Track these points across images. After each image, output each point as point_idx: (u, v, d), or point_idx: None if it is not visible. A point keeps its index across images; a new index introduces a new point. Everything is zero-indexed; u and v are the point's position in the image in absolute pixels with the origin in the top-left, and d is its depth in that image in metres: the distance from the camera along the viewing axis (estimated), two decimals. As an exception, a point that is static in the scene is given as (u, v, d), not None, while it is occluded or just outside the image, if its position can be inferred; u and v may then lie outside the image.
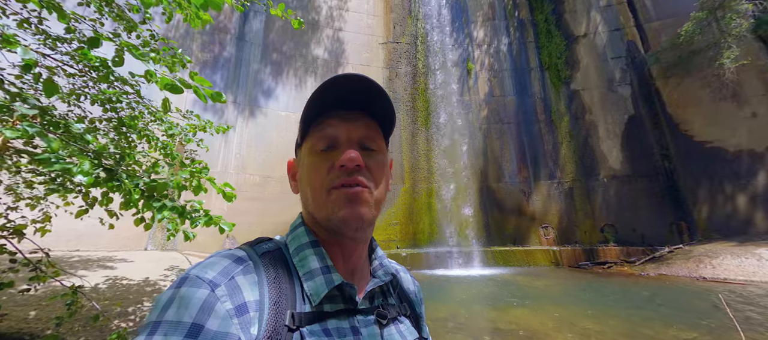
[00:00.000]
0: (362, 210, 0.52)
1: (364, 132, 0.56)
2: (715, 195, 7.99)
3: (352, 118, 0.56)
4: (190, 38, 8.08)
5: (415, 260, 8.16)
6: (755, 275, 5.78)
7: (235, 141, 8.16)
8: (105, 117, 2.06)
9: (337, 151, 0.54)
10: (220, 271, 0.45)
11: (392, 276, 0.61)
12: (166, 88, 1.25)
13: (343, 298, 0.53)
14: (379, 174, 0.56)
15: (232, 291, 0.43)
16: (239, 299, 0.43)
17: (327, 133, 0.55)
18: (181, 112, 2.41)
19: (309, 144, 0.57)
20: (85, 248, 5.51)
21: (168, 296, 0.40)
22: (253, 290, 0.45)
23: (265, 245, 0.55)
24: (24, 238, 1.95)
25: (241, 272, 0.46)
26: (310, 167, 0.55)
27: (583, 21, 10.20)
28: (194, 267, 0.45)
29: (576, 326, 3.87)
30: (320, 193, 0.53)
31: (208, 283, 0.42)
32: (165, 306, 0.39)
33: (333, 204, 0.52)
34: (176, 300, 0.40)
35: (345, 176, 0.52)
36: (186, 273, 0.44)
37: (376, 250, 0.64)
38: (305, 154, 0.58)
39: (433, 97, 10.09)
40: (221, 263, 0.46)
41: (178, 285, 0.42)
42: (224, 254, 0.49)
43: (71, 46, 1.81)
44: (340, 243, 0.56)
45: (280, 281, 0.49)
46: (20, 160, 1.67)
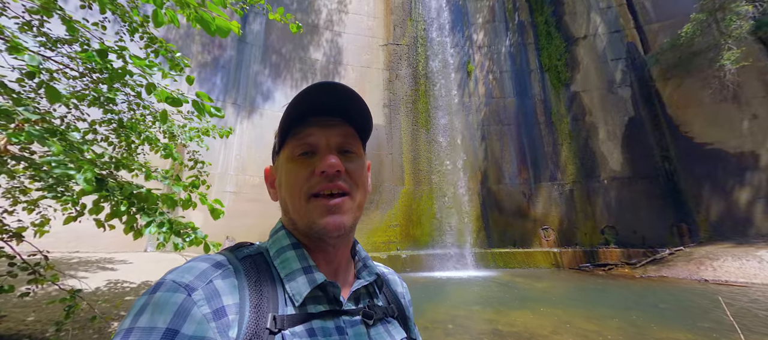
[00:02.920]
0: (343, 219, 0.53)
1: (342, 138, 0.56)
2: (716, 197, 7.98)
3: (330, 125, 0.56)
4: (190, 39, 8.10)
5: (415, 262, 8.15)
6: (756, 277, 5.76)
7: (236, 143, 8.17)
8: (105, 119, 2.06)
9: (316, 157, 0.54)
10: (198, 275, 0.44)
11: (377, 276, 0.61)
12: (166, 101, 1.25)
13: (327, 299, 0.52)
14: (359, 178, 0.57)
15: (210, 295, 0.43)
16: (217, 303, 0.43)
17: (305, 140, 0.55)
18: (182, 113, 2.41)
19: (287, 151, 0.57)
20: (85, 250, 5.51)
21: (142, 302, 0.40)
22: (233, 294, 0.45)
23: (245, 249, 0.55)
24: (23, 240, 1.95)
25: (220, 276, 0.46)
26: (290, 174, 0.55)
27: (583, 23, 10.21)
28: (171, 272, 0.44)
29: (576, 328, 3.86)
30: (300, 200, 0.53)
31: (185, 287, 0.41)
32: (139, 312, 0.39)
33: (312, 212, 0.52)
34: (150, 306, 0.39)
35: (325, 182, 0.52)
36: (162, 278, 0.43)
37: (359, 251, 0.64)
38: (284, 161, 0.57)
39: (434, 98, 10.10)
40: (199, 267, 0.45)
41: (154, 290, 0.41)
42: (203, 258, 0.48)
43: (72, 47, 1.81)
44: (322, 247, 0.56)
45: (261, 284, 0.48)
46: (18, 166, 1.67)
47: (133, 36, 1.96)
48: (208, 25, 1.16)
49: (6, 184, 2.01)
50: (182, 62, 1.77)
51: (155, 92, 1.19)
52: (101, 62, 1.59)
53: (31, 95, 1.78)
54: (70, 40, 1.77)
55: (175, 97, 1.23)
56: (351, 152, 0.57)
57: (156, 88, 1.20)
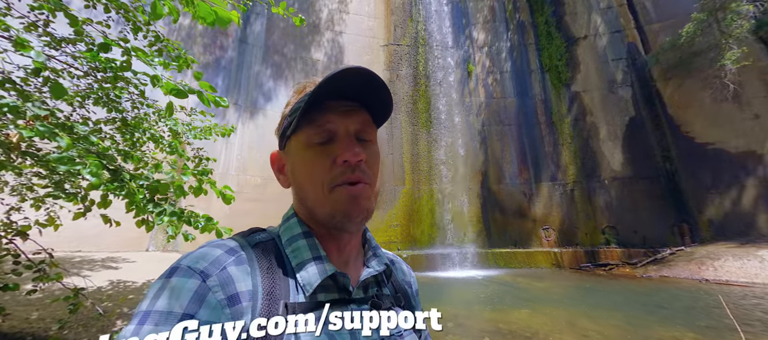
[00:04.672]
0: (365, 204, 0.53)
1: (360, 125, 0.55)
2: (717, 197, 7.97)
3: (348, 112, 0.54)
4: (191, 40, 8.13)
5: (416, 262, 8.15)
6: (757, 277, 5.76)
7: (237, 143, 8.19)
8: (109, 117, 2.08)
9: (334, 145, 0.53)
10: (212, 261, 0.44)
11: (386, 265, 0.60)
12: (171, 93, 1.26)
13: (337, 288, 0.52)
14: (375, 166, 0.56)
15: (224, 282, 0.43)
16: (231, 290, 0.43)
17: (325, 127, 0.53)
18: (185, 110, 2.42)
19: (303, 137, 0.55)
20: (87, 249, 5.53)
21: (158, 286, 0.40)
22: (246, 281, 0.45)
23: (257, 235, 0.55)
24: (27, 238, 1.97)
25: (234, 262, 0.46)
26: (308, 162, 0.54)
27: (584, 23, 10.22)
28: (185, 257, 0.44)
29: (577, 328, 3.86)
30: (321, 189, 0.52)
31: (200, 273, 0.42)
32: (155, 295, 0.39)
33: (337, 202, 0.52)
34: (167, 290, 0.39)
35: (349, 173, 0.52)
36: (177, 263, 0.43)
37: (370, 240, 0.64)
38: (299, 147, 0.55)
39: (434, 98, 10.11)
40: (213, 253, 0.46)
41: (169, 275, 0.41)
42: (216, 243, 0.49)
43: (76, 47, 1.83)
44: (336, 236, 0.56)
45: (273, 271, 0.49)
46: (24, 162, 1.68)
47: (137, 35, 1.98)
48: (206, 18, 1.17)
49: (13, 181, 2.03)
50: (188, 59, 1.79)
51: (160, 84, 1.20)
52: (104, 61, 1.60)
53: (36, 93, 1.79)
54: (75, 40, 1.78)
55: (180, 89, 1.25)
56: (367, 140, 0.56)
57: (161, 80, 1.21)
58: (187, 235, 1.60)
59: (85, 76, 1.93)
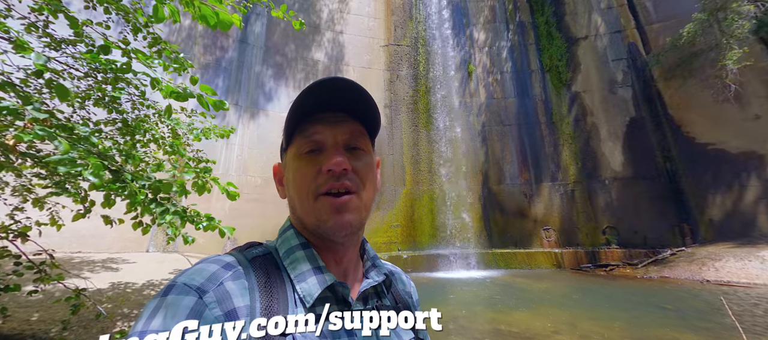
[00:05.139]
0: (350, 218, 0.52)
1: (349, 135, 0.56)
2: (718, 197, 7.96)
3: (336, 122, 0.55)
4: (192, 41, 8.13)
5: (416, 262, 8.15)
6: (759, 278, 5.74)
7: (237, 143, 8.19)
8: (109, 119, 2.08)
9: (322, 154, 0.54)
10: (209, 277, 0.44)
11: (385, 276, 0.60)
12: (170, 96, 1.26)
13: (336, 299, 0.52)
14: (366, 175, 0.56)
15: (221, 297, 0.43)
16: (228, 306, 0.43)
17: (312, 137, 0.54)
18: (185, 111, 2.42)
19: (294, 148, 0.56)
20: (87, 250, 5.53)
21: (154, 305, 0.40)
22: (243, 296, 0.45)
23: (254, 249, 0.55)
24: (28, 239, 1.97)
25: (231, 277, 0.46)
26: (297, 172, 0.55)
27: (584, 23, 10.21)
28: (181, 274, 0.44)
29: (577, 329, 3.86)
30: (307, 198, 0.53)
31: (196, 290, 0.42)
32: (151, 315, 0.39)
33: (320, 211, 0.52)
34: (163, 308, 0.39)
35: (332, 181, 0.52)
36: (173, 280, 0.43)
37: (368, 251, 0.64)
38: (291, 158, 0.57)
39: (434, 99, 10.11)
40: (209, 269, 0.45)
41: (165, 293, 0.41)
42: (212, 259, 0.48)
43: (76, 48, 1.83)
44: (331, 247, 0.56)
45: (271, 285, 0.48)
46: (24, 163, 1.68)
47: (137, 36, 1.98)
48: (208, 20, 1.17)
49: (13, 182, 2.03)
50: (185, 64, 1.79)
51: (160, 87, 1.20)
52: (105, 63, 1.60)
53: (36, 94, 1.79)
54: (75, 41, 1.78)
55: (180, 92, 1.25)
56: (358, 149, 0.57)
57: (161, 82, 1.21)
58: (186, 237, 1.60)
59: (85, 77, 1.93)
